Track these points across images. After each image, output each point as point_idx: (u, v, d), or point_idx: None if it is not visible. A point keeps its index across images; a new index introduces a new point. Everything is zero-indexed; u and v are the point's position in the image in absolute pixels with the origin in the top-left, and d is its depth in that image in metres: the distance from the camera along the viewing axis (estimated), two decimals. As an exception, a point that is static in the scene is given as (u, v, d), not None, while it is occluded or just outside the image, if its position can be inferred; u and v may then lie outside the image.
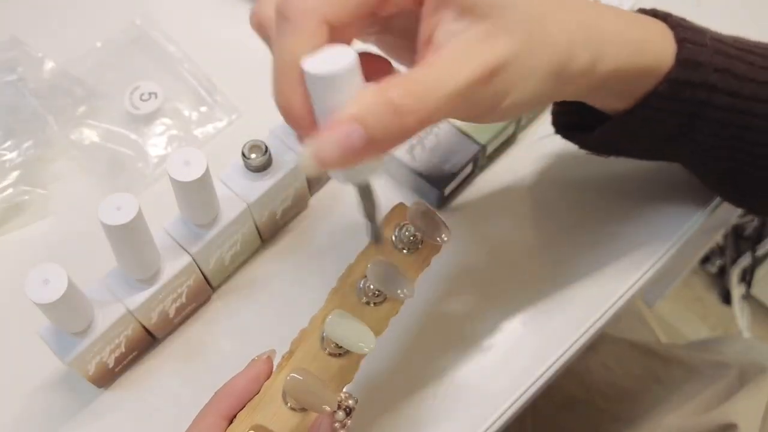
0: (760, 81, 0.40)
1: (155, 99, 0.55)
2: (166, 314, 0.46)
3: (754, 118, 0.41)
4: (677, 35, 0.39)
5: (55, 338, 0.41)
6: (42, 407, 0.46)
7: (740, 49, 0.41)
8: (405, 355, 0.48)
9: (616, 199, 0.52)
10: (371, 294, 0.38)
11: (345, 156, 0.27)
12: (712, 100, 0.40)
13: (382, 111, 0.27)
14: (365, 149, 0.27)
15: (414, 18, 0.33)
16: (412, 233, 0.39)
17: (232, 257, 0.48)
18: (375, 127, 0.27)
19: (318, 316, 0.38)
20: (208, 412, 0.36)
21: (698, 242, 1.02)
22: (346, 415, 0.38)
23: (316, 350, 0.37)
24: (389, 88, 0.27)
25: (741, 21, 0.61)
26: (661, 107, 0.40)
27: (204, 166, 0.40)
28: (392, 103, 0.27)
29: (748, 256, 1.30)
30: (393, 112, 0.27)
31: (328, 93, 0.27)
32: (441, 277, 0.50)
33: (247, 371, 0.37)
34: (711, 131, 0.42)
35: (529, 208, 0.52)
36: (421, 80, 0.28)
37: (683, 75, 0.39)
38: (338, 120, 0.27)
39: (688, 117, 0.41)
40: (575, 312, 0.49)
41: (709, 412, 0.60)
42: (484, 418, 0.46)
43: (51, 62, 0.57)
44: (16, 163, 0.53)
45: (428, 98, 0.28)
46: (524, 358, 0.47)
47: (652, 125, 0.41)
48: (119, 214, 0.38)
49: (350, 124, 0.26)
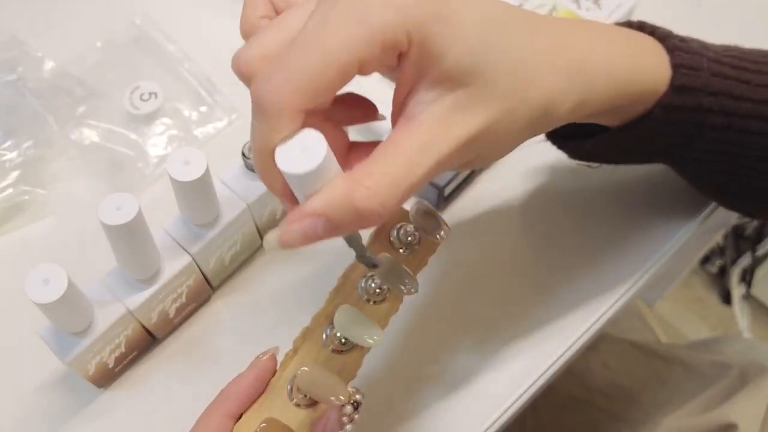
0: (756, 99, 0.40)
1: (155, 99, 0.55)
2: (166, 314, 0.46)
3: (752, 136, 0.41)
4: (673, 60, 0.39)
5: (55, 338, 0.41)
6: (42, 407, 0.46)
7: (737, 67, 0.40)
8: (404, 354, 0.48)
9: (617, 200, 0.52)
10: (372, 292, 0.38)
11: (307, 241, 0.30)
12: (708, 122, 0.40)
13: (345, 211, 0.29)
14: (327, 236, 0.29)
15: None
16: (410, 233, 0.39)
17: (232, 257, 0.48)
18: (338, 221, 0.29)
19: (320, 314, 0.38)
20: (213, 412, 0.36)
21: (698, 242, 1.02)
22: (354, 410, 0.38)
23: (319, 347, 0.37)
24: (354, 190, 0.29)
25: (741, 21, 0.61)
26: (654, 128, 0.40)
27: (204, 166, 0.40)
28: (355, 207, 0.28)
29: (748, 256, 1.30)
30: (356, 212, 0.29)
31: (298, 185, 0.30)
32: (440, 277, 0.50)
33: (252, 370, 0.37)
34: (707, 149, 0.41)
35: (529, 208, 0.52)
36: (388, 175, 0.29)
37: (677, 101, 0.39)
38: (304, 212, 0.29)
39: (683, 137, 0.41)
40: (575, 312, 0.49)
41: (710, 412, 0.60)
42: (484, 418, 0.46)
43: (51, 62, 0.57)
44: (16, 163, 0.53)
45: (392, 198, 0.29)
46: (524, 358, 0.47)
47: (645, 142, 0.41)
48: (119, 214, 0.38)
49: (315, 218, 0.29)
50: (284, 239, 0.30)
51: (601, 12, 0.56)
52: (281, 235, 0.30)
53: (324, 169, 0.29)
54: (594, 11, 0.56)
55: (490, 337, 0.48)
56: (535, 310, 0.49)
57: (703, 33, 0.43)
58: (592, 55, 0.35)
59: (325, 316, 0.38)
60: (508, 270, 0.50)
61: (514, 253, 0.51)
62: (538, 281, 0.50)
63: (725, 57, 0.41)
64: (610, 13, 0.56)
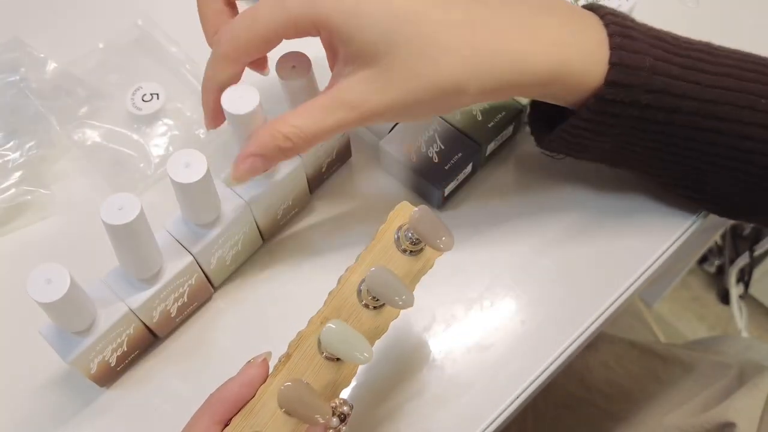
0: (703, 99, 0.41)
1: (157, 99, 0.55)
2: (167, 313, 0.46)
3: (702, 132, 0.42)
4: (611, 58, 0.40)
5: (57, 337, 0.42)
6: (44, 406, 0.46)
7: (688, 68, 0.41)
8: (404, 354, 0.48)
9: (615, 200, 0.53)
10: (371, 298, 0.37)
11: (253, 174, 0.41)
12: (649, 116, 0.41)
13: (272, 149, 0.40)
14: (264, 168, 0.41)
15: None
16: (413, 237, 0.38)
17: (233, 257, 0.49)
18: (269, 157, 0.40)
19: (316, 318, 0.37)
20: (201, 417, 0.35)
21: (696, 242, 1.02)
22: (341, 422, 0.37)
23: (313, 353, 0.36)
24: (276, 133, 0.39)
25: (740, 21, 0.62)
26: (591, 119, 0.42)
27: (204, 167, 0.40)
28: (279, 145, 0.39)
29: (746, 256, 1.30)
30: (280, 149, 0.40)
31: (235, 123, 0.42)
32: (440, 277, 0.50)
33: (241, 375, 0.37)
34: (654, 142, 0.43)
35: (528, 208, 0.53)
36: (299, 126, 0.39)
37: (609, 94, 0.41)
38: (245, 154, 0.40)
39: (628, 129, 0.42)
40: (574, 311, 0.49)
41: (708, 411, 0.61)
42: (484, 417, 0.46)
43: (53, 63, 0.58)
44: (18, 164, 0.53)
45: (301, 143, 0.39)
46: (524, 358, 0.48)
47: (593, 133, 0.43)
48: (121, 214, 0.38)
49: (253, 158, 0.40)
50: (236, 176, 0.41)
51: (600, 13, 0.56)
52: (233, 174, 0.41)
53: (255, 114, 0.41)
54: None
55: (489, 335, 0.48)
56: (534, 309, 0.49)
57: (703, 33, 0.43)
58: (512, 44, 0.39)
59: (321, 320, 0.37)
60: (507, 270, 0.51)
61: (512, 253, 0.51)
62: (537, 280, 0.50)
63: (679, 56, 0.42)
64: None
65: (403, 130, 0.52)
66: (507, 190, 0.54)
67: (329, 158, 0.52)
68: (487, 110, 0.52)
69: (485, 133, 0.51)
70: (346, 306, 0.37)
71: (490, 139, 0.51)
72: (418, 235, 0.38)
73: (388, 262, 0.38)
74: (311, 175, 0.51)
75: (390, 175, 0.54)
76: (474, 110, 0.52)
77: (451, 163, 0.50)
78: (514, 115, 0.52)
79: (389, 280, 0.37)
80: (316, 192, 0.54)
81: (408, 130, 0.52)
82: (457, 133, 0.51)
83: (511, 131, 0.54)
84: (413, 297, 0.37)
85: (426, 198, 0.52)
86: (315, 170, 0.51)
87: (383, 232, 0.39)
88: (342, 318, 0.37)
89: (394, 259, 0.38)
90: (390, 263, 0.38)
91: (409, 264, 0.39)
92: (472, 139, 0.51)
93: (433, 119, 0.52)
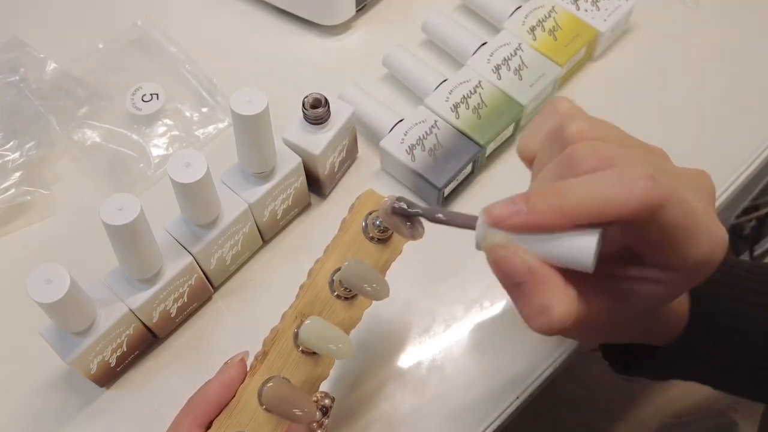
0: None
1: (157, 100, 0.55)
2: (167, 313, 0.46)
3: None
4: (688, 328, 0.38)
5: (56, 338, 0.42)
6: (44, 407, 0.46)
7: None
8: (404, 354, 0.48)
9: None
10: (343, 289, 0.37)
11: None
12: None
13: None
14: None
15: None
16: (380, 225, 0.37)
17: (233, 257, 0.49)
18: None
19: (290, 313, 0.37)
20: (182, 420, 0.35)
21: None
22: (323, 415, 0.37)
23: (290, 349, 0.36)
24: None
25: (740, 21, 0.62)
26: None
27: (204, 167, 0.40)
28: None
29: (747, 256, 1.30)
30: None
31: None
32: (440, 277, 0.50)
33: (220, 376, 0.36)
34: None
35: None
36: None
37: None
38: None
39: None
40: (574, 311, 0.49)
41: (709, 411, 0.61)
42: (484, 417, 0.46)
43: (53, 63, 0.58)
44: (18, 164, 0.53)
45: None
46: (524, 358, 0.48)
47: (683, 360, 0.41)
48: (121, 214, 0.38)
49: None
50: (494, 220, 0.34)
51: (600, 14, 0.56)
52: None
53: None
54: (592, 12, 0.57)
55: (489, 336, 0.48)
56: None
57: (703, 33, 0.43)
58: None
59: (295, 315, 0.36)
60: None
61: (513, 253, 0.51)
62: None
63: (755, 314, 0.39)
64: (609, 15, 0.56)
65: (403, 130, 0.52)
66: (507, 191, 0.53)
67: (341, 156, 0.52)
68: (487, 110, 0.52)
69: (485, 133, 0.51)
70: (319, 299, 0.37)
71: (490, 139, 0.51)
72: (388, 225, 0.36)
73: (357, 251, 0.37)
74: (325, 175, 0.51)
75: (390, 175, 0.54)
76: (474, 110, 0.52)
77: (451, 163, 0.50)
78: (514, 116, 0.52)
79: (364, 271, 0.36)
80: (315, 192, 0.54)
81: (408, 131, 0.52)
82: (457, 134, 0.51)
83: (511, 131, 0.54)
84: (388, 288, 0.36)
85: (426, 198, 0.52)
86: (329, 169, 0.51)
87: (350, 222, 0.38)
88: (316, 311, 0.37)
89: (363, 249, 0.38)
90: (359, 253, 0.37)
91: (378, 252, 0.38)
92: (472, 139, 0.51)
93: (434, 119, 0.52)
